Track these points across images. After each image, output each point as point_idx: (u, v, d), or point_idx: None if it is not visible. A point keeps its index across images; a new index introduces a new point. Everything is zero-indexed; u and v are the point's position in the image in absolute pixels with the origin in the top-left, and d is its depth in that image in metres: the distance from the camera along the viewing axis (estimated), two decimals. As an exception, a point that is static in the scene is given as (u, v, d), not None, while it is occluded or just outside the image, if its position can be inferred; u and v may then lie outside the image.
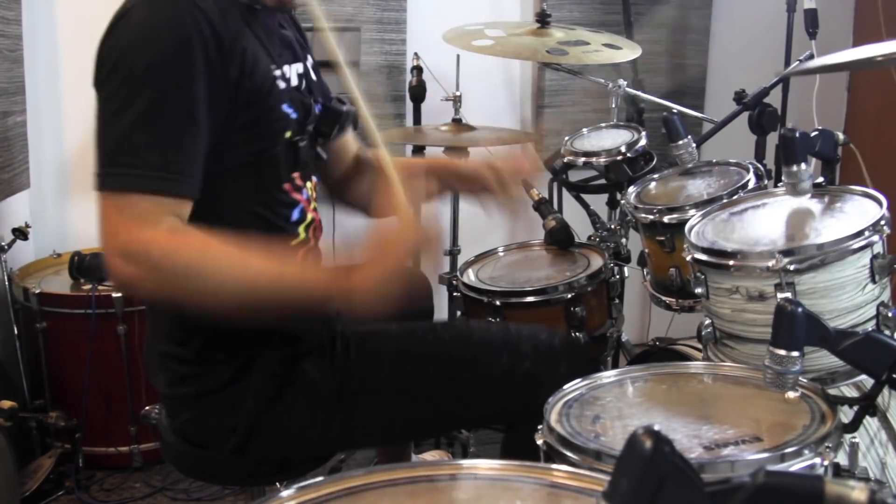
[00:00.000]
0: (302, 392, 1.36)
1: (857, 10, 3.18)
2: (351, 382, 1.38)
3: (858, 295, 1.33)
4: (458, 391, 1.41)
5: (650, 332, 3.00)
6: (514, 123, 3.07)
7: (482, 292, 1.89)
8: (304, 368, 1.37)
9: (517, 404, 1.40)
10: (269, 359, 1.35)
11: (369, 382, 1.39)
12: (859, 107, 3.21)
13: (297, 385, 1.36)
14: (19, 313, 2.42)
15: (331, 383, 1.37)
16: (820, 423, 1.11)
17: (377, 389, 1.39)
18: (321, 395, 1.37)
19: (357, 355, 1.41)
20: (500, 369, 1.40)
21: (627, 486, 0.63)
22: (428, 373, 1.40)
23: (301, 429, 1.37)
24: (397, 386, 1.40)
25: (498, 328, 1.69)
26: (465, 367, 1.41)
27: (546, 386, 1.36)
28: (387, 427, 1.42)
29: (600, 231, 2.22)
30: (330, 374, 1.38)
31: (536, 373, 1.39)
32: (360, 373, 1.39)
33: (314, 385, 1.37)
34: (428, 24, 2.71)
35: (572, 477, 0.91)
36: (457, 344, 1.46)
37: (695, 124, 2.63)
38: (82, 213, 2.75)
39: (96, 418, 2.38)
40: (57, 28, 2.65)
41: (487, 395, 1.42)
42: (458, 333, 1.52)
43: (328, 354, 1.39)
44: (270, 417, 1.34)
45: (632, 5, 2.81)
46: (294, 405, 1.35)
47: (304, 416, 1.36)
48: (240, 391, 1.34)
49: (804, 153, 1.43)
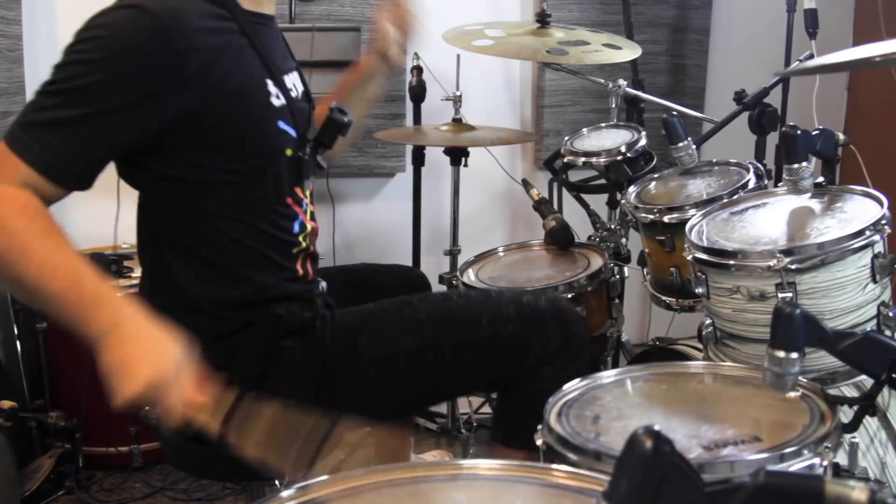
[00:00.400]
0: (286, 373, 1.36)
1: (857, 10, 3.18)
2: (333, 360, 1.38)
3: (859, 294, 1.33)
4: (441, 360, 1.39)
5: (650, 332, 3.01)
6: (514, 123, 3.07)
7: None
8: (287, 347, 1.37)
9: (506, 369, 1.40)
10: (252, 341, 1.36)
11: (350, 359, 1.39)
12: (859, 107, 3.21)
13: (281, 366, 1.36)
14: (19, 313, 2.42)
15: (314, 363, 1.38)
16: (819, 423, 1.11)
17: (358, 366, 1.39)
18: (305, 375, 1.37)
19: (336, 333, 1.41)
20: (482, 334, 1.40)
21: (627, 486, 0.63)
22: (406, 344, 1.39)
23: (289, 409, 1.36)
24: (378, 360, 1.39)
25: (478, 294, 1.68)
26: (444, 335, 1.40)
27: (534, 347, 1.37)
28: (374, 404, 1.41)
29: (600, 231, 2.22)
30: (311, 354, 1.38)
31: (521, 335, 1.38)
32: (340, 350, 1.39)
33: (298, 365, 1.37)
34: (428, 24, 2.71)
35: (572, 477, 0.91)
36: (434, 312, 1.44)
37: (695, 124, 2.63)
38: (82, 213, 2.74)
39: (96, 418, 2.38)
40: (57, 28, 2.65)
41: (472, 362, 1.40)
42: (435, 301, 1.51)
43: (309, 333, 1.39)
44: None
45: (632, 5, 2.81)
46: (280, 386, 1.35)
47: (291, 396, 1.36)
48: (227, 376, 1.34)
49: (805, 151, 1.44)
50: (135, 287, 2.36)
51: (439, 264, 2.69)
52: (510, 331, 1.39)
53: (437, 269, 2.60)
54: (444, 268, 2.59)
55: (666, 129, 1.86)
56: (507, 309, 1.41)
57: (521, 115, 3.09)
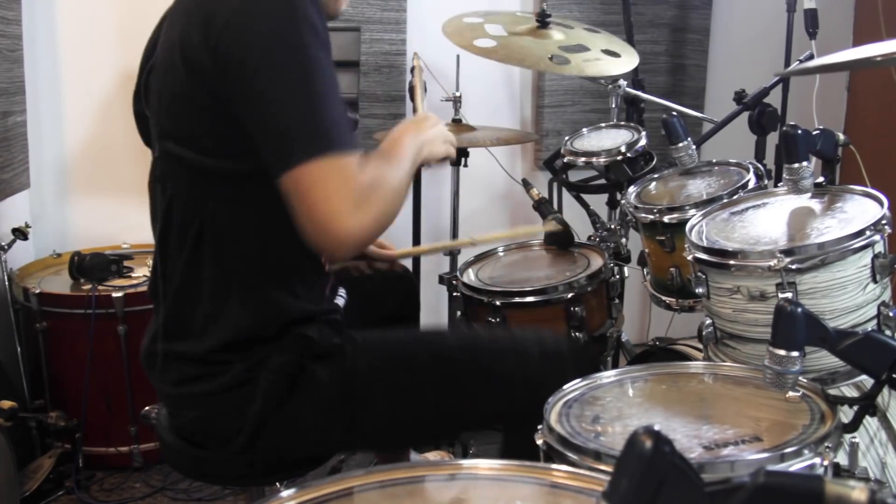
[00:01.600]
0: (310, 395, 1.36)
1: (857, 10, 3.18)
2: (358, 386, 1.38)
3: (859, 294, 1.33)
4: (464, 394, 1.40)
5: (650, 332, 3.00)
6: (514, 123, 3.07)
7: (482, 292, 1.89)
8: (314, 370, 1.36)
9: (520, 406, 1.40)
10: (281, 361, 1.35)
11: (376, 386, 1.39)
12: (859, 107, 3.21)
13: (306, 388, 1.36)
14: (19, 313, 2.42)
15: (339, 386, 1.37)
16: (820, 423, 1.11)
17: (384, 393, 1.39)
18: (329, 398, 1.37)
19: (365, 359, 1.41)
20: (506, 372, 1.40)
21: (627, 486, 0.63)
22: (434, 376, 1.40)
23: (306, 431, 1.36)
24: (404, 390, 1.39)
25: (503, 332, 1.69)
26: (472, 371, 1.41)
27: (549, 388, 1.37)
28: (391, 430, 1.42)
29: (600, 231, 2.22)
30: (338, 377, 1.37)
31: (542, 376, 1.39)
32: (367, 376, 1.39)
33: (322, 388, 1.36)
34: (428, 24, 2.71)
35: (572, 477, 0.91)
36: (463, 347, 1.46)
37: (695, 124, 2.63)
38: (82, 213, 2.75)
39: (96, 418, 2.38)
40: (57, 28, 2.65)
41: (492, 398, 1.41)
42: (464, 337, 1.53)
43: (338, 358, 1.39)
44: (278, 420, 1.34)
45: (632, 5, 2.81)
46: (302, 408, 1.35)
47: (311, 418, 1.36)
48: (249, 392, 1.33)
49: (805, 151, 1.44)
50: (135, 287, 2.39)
51: (439, 264, 2.69)
52: (533, 371, 1.40)
53: (437, 269, 2.61)
54: (444, 268, 2.59)
55: (665, 129, 1.86)
56: (532, 349, 1.42)
57: (521, 115, 3.09)
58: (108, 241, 2.67)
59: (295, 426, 1.36)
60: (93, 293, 2.33)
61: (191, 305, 1.35)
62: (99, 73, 2.67)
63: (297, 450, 1.41)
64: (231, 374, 1.34)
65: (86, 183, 2.73)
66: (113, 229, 2.69)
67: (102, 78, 2.67)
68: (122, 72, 2.65)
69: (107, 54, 2.63)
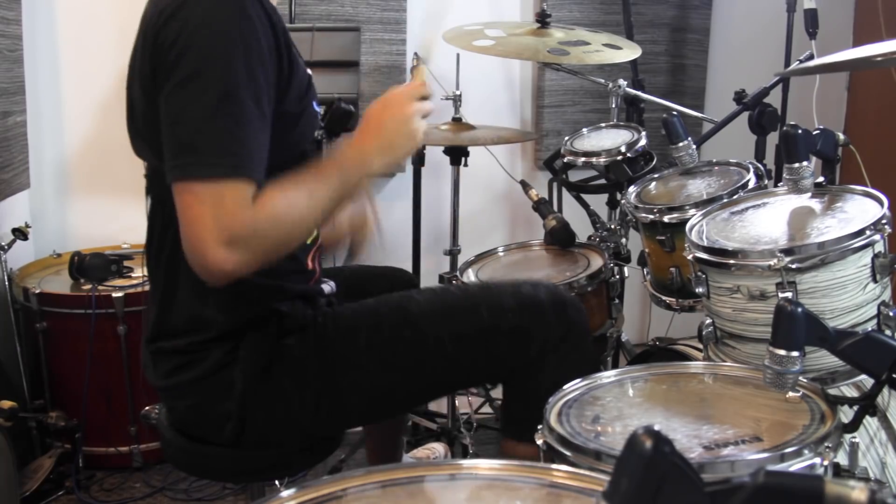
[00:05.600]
0: (288, 370, 1.37)
1: (857, 10, 3.18)
2: (334, 356, 1.38)
3: (859, 294, 1.33)
4: (442, 352, 1.39)
5: (650, 332, 3.00)
6: (514, 123, 3.07)
7: (482, 292, 1.89)
8: (288, 345, 1.37)
9: (508, 360, 1.40)
10: (255, 339, 1.36)
11: (351, 355, 1.39)
12: (859, 107, 3.20)
13: (283, 363, 1.37)
14: (19, 313, 2.42)
15: (315, 359, 1.38)
16: (820, 423, 1.11)
17: (359, 361, 1.39)
18: (307, 372, 1.37)
19: (337, 328, 1.41)
20: (482, 325, 1.39)
21: (627, 486, 0.63)
22: (406, 337, 1.39)
23: (291, 408, 1.37)
24: (378, 355, 1.39)
25: (476, 286, 1.67)
26: (444, 327, 1.40)
27: (535, 337, 1.36)
28: (376, 398, 1.42)
29: (600, 231, 2.22)
30: (313, 350, 1.38)
31: (523, 326, 1.38)
32: (340, 346, 1.39)
33: (299, 362, 1.37)
34: (429, 26, 2.72)
35: (572, 477, 0.91)
36: (432, 304, 1.44)
37: (695, 124, 2.63)
38: (82, 213, 2.75)
39: (96, 418, 2.38)
40: (57, 28, 2.65)
41: (473, 354, 1.40)
42: (434, 294, 1.51)
43: (311, 331, 1.39)
44: (261, 398, 1.35)
45: (632, 5, 2.81)
46: (281, 384, 1.36)
47: (293, 394, 1.36)
48: (230, 374, 1.34)
49: (806, 151, 1.44)
50: (135, 287, 2.39)
51: (439, 264, 2.69)
52: (511, 321, 1.39)
53: (437, 268, 2.61)
54: (444, 268, 2.59)
55: (666, 128, 1.86)
56: (506, 300, 1.41)
57: (520, 114, 3.09)
58: (108, 241, 2.67)
59: (279, 405, 1.36)
60: (93, 293, 2.33)
61: (173, 308, 1.37)
62: (99, 73, 2.67)
63: (288, 432, 1.40)
64: (212, 359, 1.35)
65: (86, 183, 2.73)
66: (113, 229, 2.69)
67: (102, 78, 2.67)
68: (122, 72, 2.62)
69: (107, 54, 2.63)
